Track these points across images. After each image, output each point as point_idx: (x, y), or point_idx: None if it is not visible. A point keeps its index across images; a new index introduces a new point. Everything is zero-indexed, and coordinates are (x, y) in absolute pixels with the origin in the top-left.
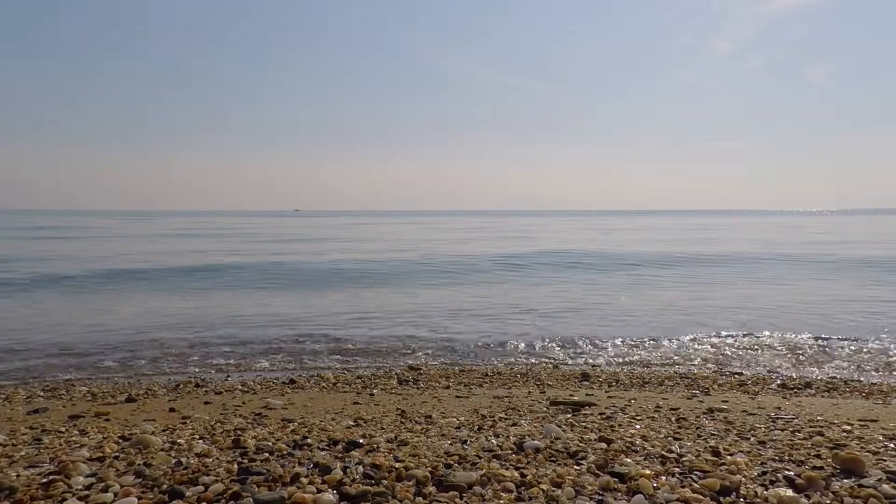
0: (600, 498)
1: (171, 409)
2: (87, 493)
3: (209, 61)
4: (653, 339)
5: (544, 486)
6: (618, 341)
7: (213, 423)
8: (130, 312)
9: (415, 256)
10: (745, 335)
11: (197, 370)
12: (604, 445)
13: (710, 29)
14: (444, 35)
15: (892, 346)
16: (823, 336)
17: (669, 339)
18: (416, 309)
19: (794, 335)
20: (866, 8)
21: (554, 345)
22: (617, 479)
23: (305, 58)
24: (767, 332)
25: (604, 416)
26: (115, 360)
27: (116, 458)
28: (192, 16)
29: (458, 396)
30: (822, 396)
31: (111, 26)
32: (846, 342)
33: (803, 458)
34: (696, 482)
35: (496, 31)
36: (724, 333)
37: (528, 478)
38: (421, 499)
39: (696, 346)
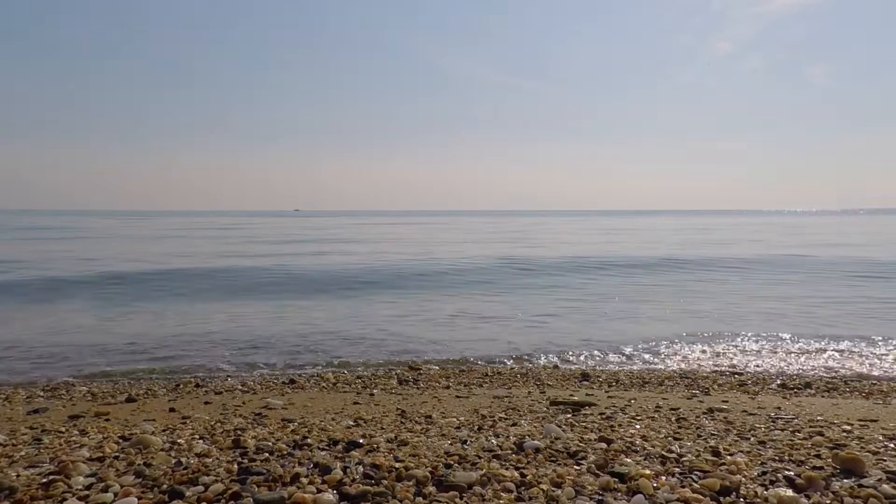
0: (600, 498)
1: (171, 409)
2: (87, 493)
3: (209, 61)
4: (653, 339)
5: (544, 486)
6: (618, 341)
7: (213, 423)
8: (130, 313)
9: (415, 257)
10: (745, 335)
11: (197, 370)
12: (604, 445)
13: (710, 29)
14: (444, 35)
15: (892, 346)
16: (823, 336)
17: (669, 340)
18: (416, 309)
19: (794, 335)
20: (866, 8)
21: (554, 345)
22: (617, 479)
23: (305, 58)
24: (768, 332)
25: (604, 416)
26: (114, 361)
27: (116, 458)
28: (192, 16)
29: (458, 396)
30: (822, 396)
31: (111, 26)
32: (847, 342)
33: (803, 458)
34: (696, 482)
35: (496, 31)
36: (724, 333)
37: (528, 478)
38: (421, 499)
39: (695, 347)
